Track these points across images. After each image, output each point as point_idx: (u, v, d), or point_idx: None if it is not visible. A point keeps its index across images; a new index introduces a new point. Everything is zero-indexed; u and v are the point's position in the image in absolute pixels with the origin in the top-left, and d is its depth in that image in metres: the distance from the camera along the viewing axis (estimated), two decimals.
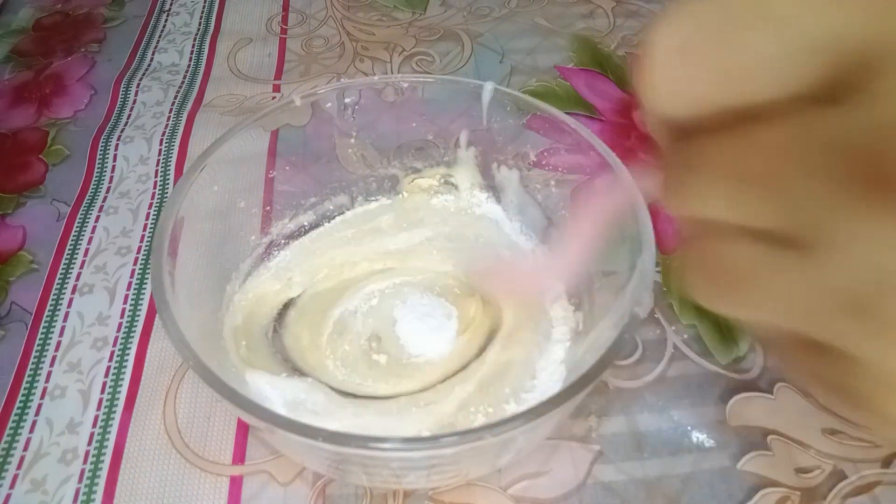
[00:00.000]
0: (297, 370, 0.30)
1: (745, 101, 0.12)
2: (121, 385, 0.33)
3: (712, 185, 0.13)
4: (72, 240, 0.39)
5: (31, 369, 0.33)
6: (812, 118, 0.11)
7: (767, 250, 0.13)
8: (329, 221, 0.36)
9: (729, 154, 0.13)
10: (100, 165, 0.43)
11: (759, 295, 0.13)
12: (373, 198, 0.37)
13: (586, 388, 0.22)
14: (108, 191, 0.42)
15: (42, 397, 0.32)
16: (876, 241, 0.11)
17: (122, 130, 0.46)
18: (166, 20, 0.56)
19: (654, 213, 0.25)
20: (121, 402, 0.32)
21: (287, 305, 0.33)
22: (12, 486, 0.29)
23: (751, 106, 0.12)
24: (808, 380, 0.14)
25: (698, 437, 0.30)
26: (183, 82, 0.49)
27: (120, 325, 0.35)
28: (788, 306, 0.13)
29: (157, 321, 0.35)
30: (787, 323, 0.13)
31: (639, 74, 0.13)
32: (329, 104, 0.34)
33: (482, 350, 0.30)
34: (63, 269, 0.38)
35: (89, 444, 0.31)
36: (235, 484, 0.29)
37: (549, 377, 0.29)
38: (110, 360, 0.34)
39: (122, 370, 0.33)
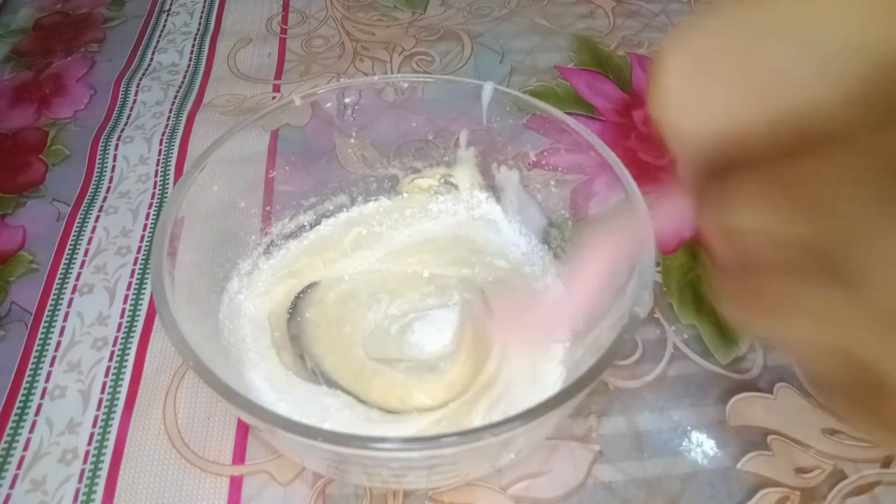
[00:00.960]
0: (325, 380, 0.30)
1: (771, 117, 0.11)
2: (121, 385, 0.33)
3: (753, 210, 0.12)
4: (72, 240, 0.39)
5: (31, 369, 0.33)
6: (856, 143, 0.11)
7: (809, 282, 0.12)
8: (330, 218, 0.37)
9: (769, 182, 0.12)
10: (100, 165, 0.43)
11: (802, 321, 0.12)
12: (372, 198, 0.37)
13: (586, 389, 0.22)
14: (108, 191, 0.42)
15: (42, 397, 0.32)
16: None
17: (122, 130, 0.46)
18: (166, 20, 0.56)
19: None
20: (121, 402, 0.32)
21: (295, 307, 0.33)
22: (12, 485, 0.29)
23: (778, 129, 0.11)
24: (849, 406, 0.13)
25: (698, 437, 0.30)
26: (183, 82, 0.49)
27: (120, 324, 0.35)
28: (833, 331, 0.12)
29: (157, 321, 0.35)
30: (831, 346, 0.12)
31: (655, 96, 0.13)
32: (329, 104, 0.34)
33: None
34: (63, 269, 0.38)
35: (89, 444, 0.31)
36: (235, 484, 0.29)
37: (549, 377, 0.29)
38: (110, 360, 0.34)
39: (122, 370, 0.33)
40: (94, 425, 0.31)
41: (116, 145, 0.45)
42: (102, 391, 0.32)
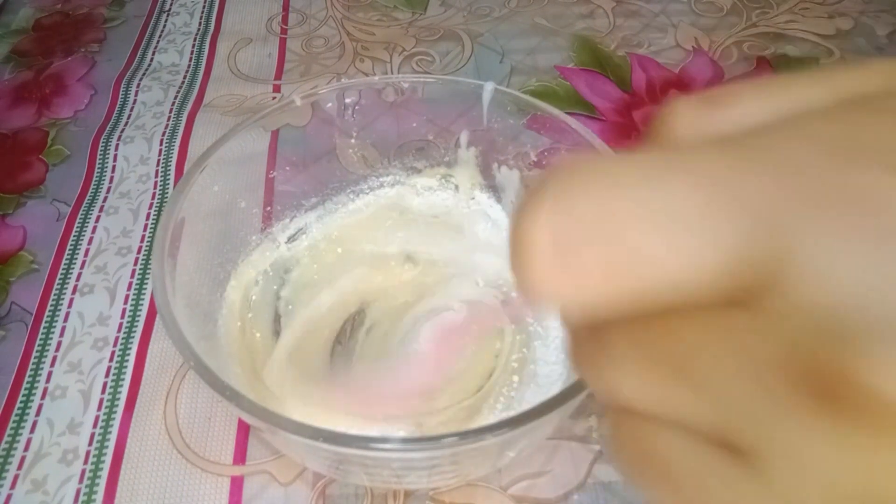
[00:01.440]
0: None
1: (646, 301, 0.11)
2: (121, 385, 0.33)
3: (630, 375, 0.11)
4: (72, 240, 0.39)
5: (31, 369, 0.33)
6: (725, 321, 0.10)
7: (706, 451, 0.11)
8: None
9: (644, 344, 0.11)
10: (100, 165, 0.43)
11: (697, 498, 0.11)
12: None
13: (587, 389, 0.22)
14: (108, 191, 0.42)
15: (43, 397, 0.32)
16: (821, 455, 0.09)
17: (123, 130, 0.46)
18: (166, 20, 0.56)
19: None
20: (121, 403, 0.32)
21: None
22: (13, 486, 0.29)
23: (646, 300, 0.11)
24: None
25: None
26: (183, 82, 0.49)
27: (120, 325, 0.35)
28: None
29: (158, 321, 0.35)
30: None
31: (518, 272, 0.11)
32: (329, 104, 0.34)
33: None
34: (63, 269, 0.38)
35: (90, 444, 0.31)
36: (236, 484, 0.29)
37: (549, 377, 0.29)
38: (111, 360, 0.34)
39: (123, 370, 0.33)
40: (94, 425, 0.31)
41: (117, 145, 0.45)
42: (103, 391, 0.32)
